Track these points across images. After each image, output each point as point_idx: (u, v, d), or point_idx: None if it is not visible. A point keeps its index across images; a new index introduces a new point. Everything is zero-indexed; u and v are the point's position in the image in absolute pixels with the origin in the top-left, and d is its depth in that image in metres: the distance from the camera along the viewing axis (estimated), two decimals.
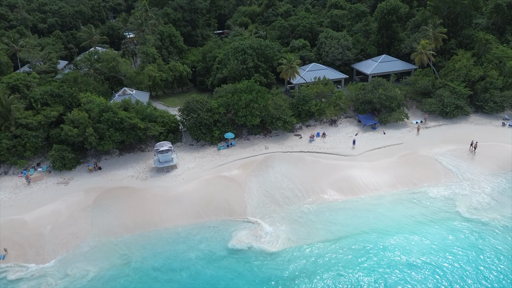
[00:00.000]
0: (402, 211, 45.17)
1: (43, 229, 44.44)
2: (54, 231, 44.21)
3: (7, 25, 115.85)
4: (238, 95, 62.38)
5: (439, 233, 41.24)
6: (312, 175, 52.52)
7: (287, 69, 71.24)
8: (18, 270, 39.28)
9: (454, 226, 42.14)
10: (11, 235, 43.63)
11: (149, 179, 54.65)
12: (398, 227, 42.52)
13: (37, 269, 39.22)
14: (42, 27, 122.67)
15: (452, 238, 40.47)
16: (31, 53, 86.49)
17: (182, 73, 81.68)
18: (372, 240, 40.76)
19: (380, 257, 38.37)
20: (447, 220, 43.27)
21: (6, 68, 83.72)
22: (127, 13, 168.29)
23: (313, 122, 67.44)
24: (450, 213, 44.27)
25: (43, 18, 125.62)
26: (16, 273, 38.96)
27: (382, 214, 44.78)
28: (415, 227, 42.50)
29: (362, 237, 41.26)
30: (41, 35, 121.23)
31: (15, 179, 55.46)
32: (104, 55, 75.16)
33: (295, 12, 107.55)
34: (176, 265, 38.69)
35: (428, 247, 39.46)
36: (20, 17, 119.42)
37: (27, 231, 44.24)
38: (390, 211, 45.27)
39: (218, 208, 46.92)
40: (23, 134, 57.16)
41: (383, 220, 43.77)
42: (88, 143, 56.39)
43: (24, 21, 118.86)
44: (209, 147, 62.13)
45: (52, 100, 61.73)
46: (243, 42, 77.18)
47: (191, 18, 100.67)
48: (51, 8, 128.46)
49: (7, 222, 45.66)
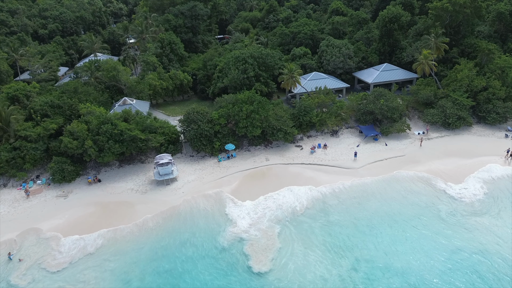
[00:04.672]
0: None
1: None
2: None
3: (8, 31, 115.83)
4: (239, 106, 61.98)
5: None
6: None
7: (288, 79, 70.81)
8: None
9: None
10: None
11: (149, 192, 54.22)
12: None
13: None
14: (42, 33, 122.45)
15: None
16: (31, 62, 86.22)
17: (183, 81, 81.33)
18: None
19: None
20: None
21: (6, 76, 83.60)
22: (128, 17, 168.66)
23: (314, 132, 66.99)
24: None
25: (44, 24, 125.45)
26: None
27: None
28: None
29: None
30: (42, 41, 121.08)
31: (14, 192, 55.12)
32: (104, 64, 74.78)
33: (296, 18, 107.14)
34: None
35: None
36: (20, 23, 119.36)
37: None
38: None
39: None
40: (23, 146, 56.85)
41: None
42: (88, 155, 56.04)
43: (25, 27, 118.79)
44: (210, 159, 61.70)
45: (52, 111, 61.43)
46: (244, 51, 76.78)
47: (192, 24, 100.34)
48: (52, 14, 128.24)
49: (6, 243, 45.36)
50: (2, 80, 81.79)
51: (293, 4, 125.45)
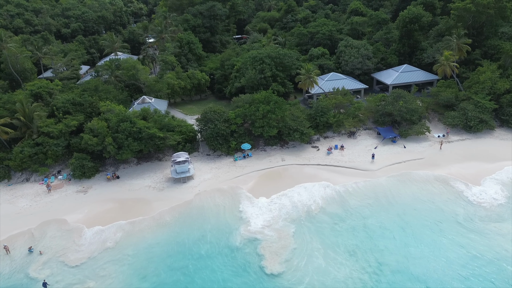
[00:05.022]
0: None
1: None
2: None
3: (32, 30, 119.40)
4: (255, 106, 62.13)
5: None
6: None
7: (305, 79, 70.53)
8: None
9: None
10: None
11: (166, 189, 54.90)
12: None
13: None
14: (65, 32, 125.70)
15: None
16: (54, 60, 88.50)
17: (201, 80, 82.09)
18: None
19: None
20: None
21: (30, 74, 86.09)
22: (148, 17, 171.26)
23: (331, 133, 66.54)
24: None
25: (67, 23, 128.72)
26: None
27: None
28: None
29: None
30: (65, 40, 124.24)
31: (36, 186, 56.70)
32: (124, 63, 76.15)
33: (314, 18, 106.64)
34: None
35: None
36: (44, 22, 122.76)
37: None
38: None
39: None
40: (45, 142, 58.41)
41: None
42: (107, 152, 57.18)
43: (48, 26, 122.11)
44: (226, 158, 62.06)
45: (73, 109, 62.95)
46: (261, 51, 76.91)
47: (210, 24, 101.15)
48: (74, 13, 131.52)
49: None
50: (26, 78, 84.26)
51: (312, 4, 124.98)
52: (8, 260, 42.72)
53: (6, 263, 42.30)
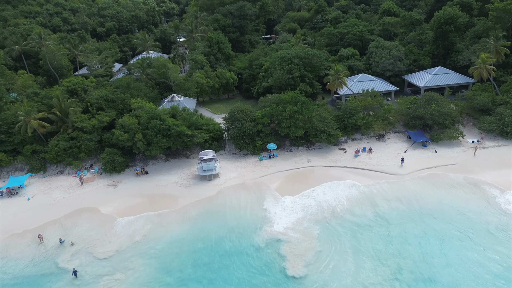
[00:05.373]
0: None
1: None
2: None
3: (69, 28, 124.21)
4: (282, 106, 62.04)
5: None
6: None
7: (334, 80, 69.74)
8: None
9: None
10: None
11: (192, 186, 55.80)
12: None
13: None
14: (100, 30, 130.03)
15: None
16: (89, 58, 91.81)
17: (229, 80, 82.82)
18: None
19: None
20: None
21: (67, 71, 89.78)
22: (179, 16, 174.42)
23: (359, 136, 65.46)
24: None
25: (102, 22, 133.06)
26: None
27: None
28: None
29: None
30: (100, 38, 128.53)
31: (69, 179, 59.07)
32: (155, 61, 77.97)
33: (345, 19, 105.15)
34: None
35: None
36: (81, 21, 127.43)
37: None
38: None
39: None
40: (79, 136, 60.75)
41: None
42: (137, 148, 58.76)
43: (85, 25, 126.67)
44: (251, 157, 62.34)
45: (106, 105, 65.07)
46: (290, 51, 76.68)
47: (240, 24, 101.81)
48: (109, 13, 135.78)
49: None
50: (63, 74, 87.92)
51: (343, 4, 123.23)
52: (41, 248, 44.60)
53: (39, 252, 44.16)
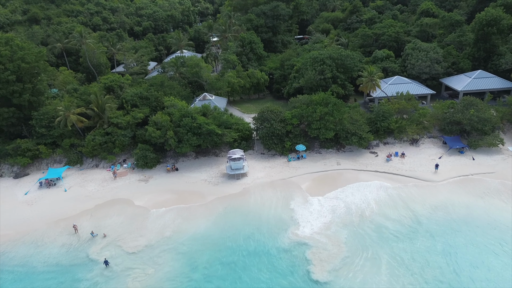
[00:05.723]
0: None
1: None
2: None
3: (109, 27, 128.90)
4: (313, 107, 61.45)
5: None
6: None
7: (367, 82, 68.30)
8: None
9: None
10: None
11: (220, 184, 56.41)
12: None
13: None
14: (137, 30, 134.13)
15: None
16: (126, 56, 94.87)
17: (260, 80, 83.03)
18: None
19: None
20: None
21: (105, 68, 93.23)
22: (213, 16, 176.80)
23: (391, 140, 63.75)
24: None
25: (139, 21, 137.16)
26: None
27: None
28: None
29: None
30: (136, 37, 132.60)
31: (103, 173, 61.30)
32: (188, 60, 79.45)
33: (381, 19, 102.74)
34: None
35: None
36: (119, 20, 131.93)
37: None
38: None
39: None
40: (114, 132, 62.91)
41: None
42: (168, 145, 60.11)
43: (123, 24, 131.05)
44: (279, 158, 62.20)
45: (140, 102, 67.01)
46: (322, 52, 75.82)
47: (273, 24, 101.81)
48: (146, 12, 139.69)
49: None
50: (101, 72, 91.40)
51: (379, 4, 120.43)
52: (74, 238, 46.44)
53: (72, 241, 45.97)
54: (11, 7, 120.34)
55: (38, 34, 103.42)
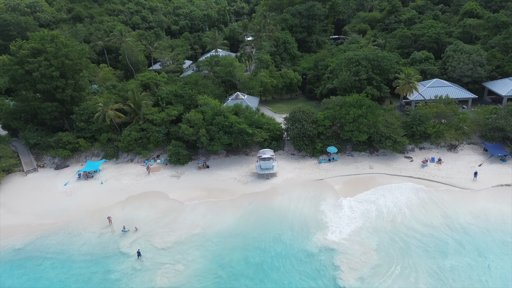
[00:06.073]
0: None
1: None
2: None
3: (147, 26, 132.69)
4: (346, 109, 60.38)
5: None
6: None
7: (404, 84, 66.24)
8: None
9: None
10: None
11: (250, 183, 56.67)
12: None
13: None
14: (174, 28, 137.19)
15: None
16: (163, 54, 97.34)
17: (293, 80, 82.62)
18: None
19: None
20: None
21: (142, 66, 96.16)
22: (248, 16, 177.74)
23: (428, 145, 61.50)
24: None
25: (176, 20, 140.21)
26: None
27: None
28: None
29: None
30: (173, 36, 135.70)
31: (138, 167, 63.24)
32: (222, 59, 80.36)
33: (421, 20, 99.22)
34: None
35: None
36: (158, 19, 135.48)
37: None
38: None
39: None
40: (149, 128, 64.74)
41: None
42: (200, 142, 61.10)
43: (161, 23, 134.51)
44: (310, 159, 61.61)
45: (175, 100, 68.55)
46: (358, 53, 74.29)
47: (308, 24, 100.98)
48: (183, 12, 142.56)
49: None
50: (138, 69, 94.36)
51: (419, 4, 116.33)
52: (108, 230, 48.16)
53: (106, 233, 47.66)
54: (57, 6, 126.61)
55: (81, 32, 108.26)
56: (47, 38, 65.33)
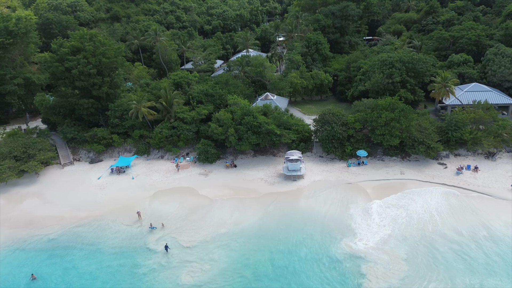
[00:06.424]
0: None
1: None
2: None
3: (181, 25, 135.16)
4: (378, 112, 59.01)
5: None
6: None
7: (440, 88, 63.91)
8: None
9: None
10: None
11: (276, 184, 56.55)
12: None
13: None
14: (207, 28, 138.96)
15: None
16: (195, 54, 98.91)
17: (323, 81, 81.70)
18: None
19: None
20: None
21: (175, 65, 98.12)
22: (281, 16, 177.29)
23: (464, 151, 59.04)
24: None
25: (209, 20, 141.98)
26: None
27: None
28: None
29: None
30: (205, 35, 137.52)
31: (168, 164, 64.59)
32: (253, 60, 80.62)
33: (460, 21, 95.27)
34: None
35: None
36: (191, 19, 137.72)
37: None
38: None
39: None
40: (179, 126, 66.01)
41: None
42: (229, 142, 61.59)
43: (194, 23, 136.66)
44: (339, 162, 60.69)
45: (205, 99, 69.50)
46: (392, 55, 72.42)
47: (341, 25, 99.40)
48: (217, 12, 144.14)
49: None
50: (171, 68, 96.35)
51: (459, 5, 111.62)
52: (137, 225, 49.38)
53: (135, 228, 48.82)
54: (97, 5, 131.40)
55: (118, 31, 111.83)
56: (86, 36, 67.97)
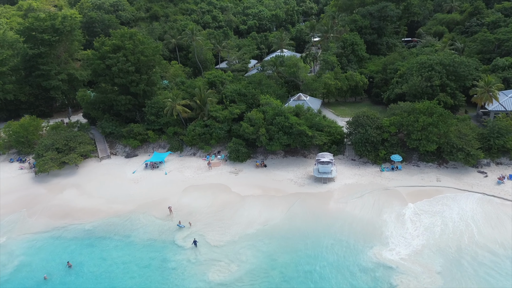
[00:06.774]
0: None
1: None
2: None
3: (217, 25, 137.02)
4: (415, 116, 57.16)
5: None
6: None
7: (482, 93, 60.95)
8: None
9: None
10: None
11: (306, 186, 56.12)
12: None
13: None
14: (242, 28, 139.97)
15: None
16: (230, 53, 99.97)
17: (358, 83, 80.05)
18: None
19: None
20: None
21: (210, 64, 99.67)
22: (317, 16, 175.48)
23: (506, 160, 56.02)
24: None
25: (245, 20, 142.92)
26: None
27: None
28: None
29: None
30: (240, 35, 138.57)
31: (199, 161, 65.79)
32: (287, 60, 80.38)
33: (507, 23, 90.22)
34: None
35: None
36: (227, 19, 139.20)
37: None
38: None
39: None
40: (212, 124, 67.02)
41: None
42: (260, 141, 61.81)
43: (230, 22, 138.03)
44: (371, 166, 59.33)
45: (238, 98, 70.10)
46: (432, 57, 69.79)
47: (379, 25, 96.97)
48: (252, 11, 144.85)
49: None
50: (206, 67, 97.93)
51: (506, 6, 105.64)
52: (168, 220, 50.50)
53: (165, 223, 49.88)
54: (137, 5, 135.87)
55: (157, 30, 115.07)
56: (126, 35, 70.49)
